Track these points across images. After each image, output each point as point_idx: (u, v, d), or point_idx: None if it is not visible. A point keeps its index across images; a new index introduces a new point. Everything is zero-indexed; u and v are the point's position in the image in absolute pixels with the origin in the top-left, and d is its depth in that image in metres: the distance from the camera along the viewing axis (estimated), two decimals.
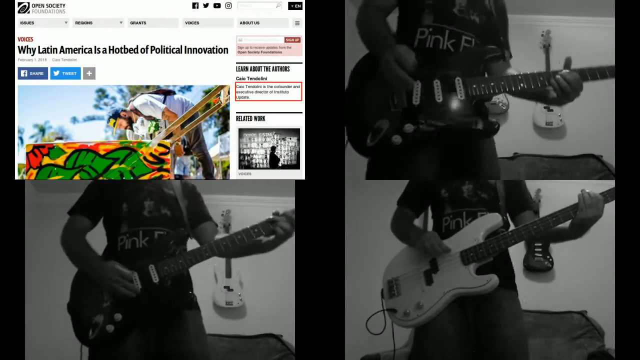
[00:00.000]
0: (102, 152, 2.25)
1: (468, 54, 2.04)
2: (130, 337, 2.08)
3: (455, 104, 1.99)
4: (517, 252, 3.43)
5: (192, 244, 2.26)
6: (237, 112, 2.19)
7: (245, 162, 2.21)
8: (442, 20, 2.05)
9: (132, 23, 2.17)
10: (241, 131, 2.20)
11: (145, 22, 2.17)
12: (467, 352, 2.12)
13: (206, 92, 2.48)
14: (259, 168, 2.20)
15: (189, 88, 2.87)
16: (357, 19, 2.14)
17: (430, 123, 1.99)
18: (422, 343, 2.13)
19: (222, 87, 2.29)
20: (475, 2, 2.08)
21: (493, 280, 2.07)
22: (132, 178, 2.26)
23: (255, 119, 2.19)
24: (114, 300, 2.09)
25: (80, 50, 2.16)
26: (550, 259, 3.60)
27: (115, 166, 2.25)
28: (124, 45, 2.17)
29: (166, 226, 2.21)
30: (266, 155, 2.20)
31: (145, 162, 2.26)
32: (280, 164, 2.20)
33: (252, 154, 2.20)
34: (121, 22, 2.16)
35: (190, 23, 2.18)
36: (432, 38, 2.04)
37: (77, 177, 2.24)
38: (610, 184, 2.08)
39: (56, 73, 2.17)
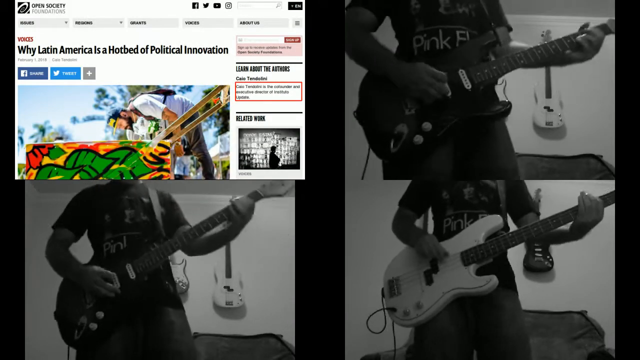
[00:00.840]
0: (102, 152, 2.25)
1: (464, 47, 2.05)
2: (115, 335, 2.13)
3: (464, 94, 2.01)
4: (517, 252, 3.43)
5: None
6: (237, 112, 2.19)
7: (245, 162, 2.21)
8: (432, 23, 2.06)
9: (132, 23, 2.17)
10: (241, 131, 2.20)
11: (145, 22, 2.17)
12: (467, 352, 2.12)
13: (206, 92, 2.48)
14: (259, 168, 2.21)
15: (189, 88, 2.87)
16: (347, 47, 2.13)
17: (446, 118, 2.01)
18: (423, 343, 2.13)
19: (222, 87, 2.29)
20: None
21: (493, 280, 2.07)
22: (132, 178, 2.26)
23: (255, 119, 2.19)
24: (97, 301, 2.15)
25: (80, 50, 2.17)
26: (550, 259, 3.60)
27: (115, 166, 2.25)
28: (124, 45, 2.17)
29: (146, 230, 2.28)
30: (266, 155, 2.20)
31: (145, 162, 2.26)
32: (280, 164, 2.20)
33: (252, 154, 2.20)
34: (121, 22, 2.16)
35: (190, 23, 2.18)
36: (427, 42, 2.06)
37: (77, 177, 2.25)
38: (610, 184, 2.08)
39: (56, 73, 2.17)
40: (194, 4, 2.18)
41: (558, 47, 2.03)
